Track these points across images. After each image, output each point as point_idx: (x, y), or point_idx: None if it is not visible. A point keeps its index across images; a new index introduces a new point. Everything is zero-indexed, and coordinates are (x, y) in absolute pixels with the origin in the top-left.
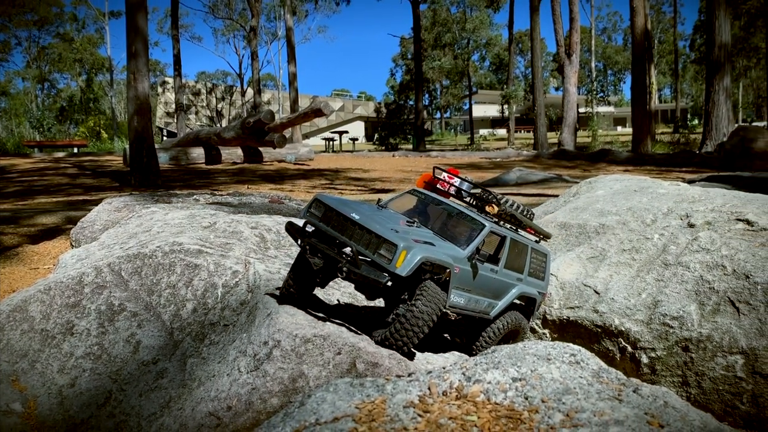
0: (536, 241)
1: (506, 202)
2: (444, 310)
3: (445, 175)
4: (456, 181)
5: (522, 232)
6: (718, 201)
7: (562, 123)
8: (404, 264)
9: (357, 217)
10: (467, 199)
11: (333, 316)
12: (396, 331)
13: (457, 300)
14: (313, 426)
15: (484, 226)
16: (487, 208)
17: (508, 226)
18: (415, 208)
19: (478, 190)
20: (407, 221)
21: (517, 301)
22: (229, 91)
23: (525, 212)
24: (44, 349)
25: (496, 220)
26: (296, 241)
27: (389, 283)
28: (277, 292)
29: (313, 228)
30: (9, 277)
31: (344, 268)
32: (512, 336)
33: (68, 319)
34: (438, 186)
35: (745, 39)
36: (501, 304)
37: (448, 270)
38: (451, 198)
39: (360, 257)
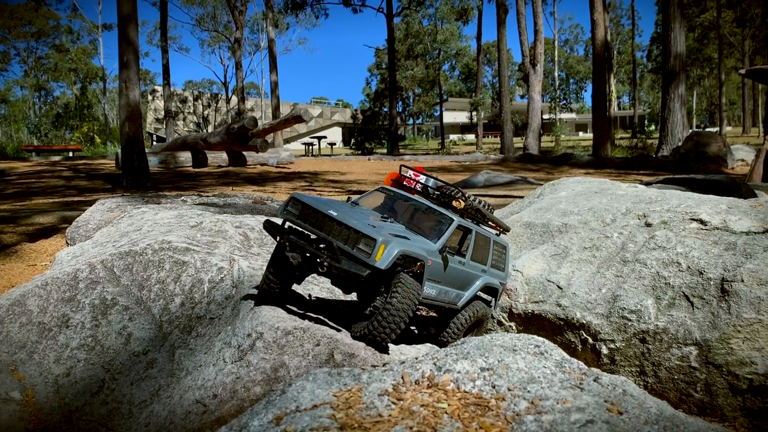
0: (497, 234)
1: (469, 197)
2: (420, 302)
3: (411, 172)
4: (422, 179)
5: (482, 225)
6: (674, 202)
7: (527, 128)
8: (383, 257)
9: (335, 213)
10: (434, 195)
11: (312, 310)
12: (374, 327)
13: (429, 291)
14: (294, 413)
15: (453, 220)
16: (454, 203)
17: (470, 219)
18: (385, 204)
19: (442, 185)
20: (382, 217)
21: (480, 292)
22: (214, 98)
23: (486, 207)
24: (41, 341)
25: (462, 214)
26: (275, 238)
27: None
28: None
29: (291, 225)
30: (8, 273)
31: (325, 263)
32: (477, 325)
33: (64, 313)
34: (405, 183)
35: (699, 50)
36: (467, 294)
37: (420, 262)
38: (417, 194)
39: (340, 252)
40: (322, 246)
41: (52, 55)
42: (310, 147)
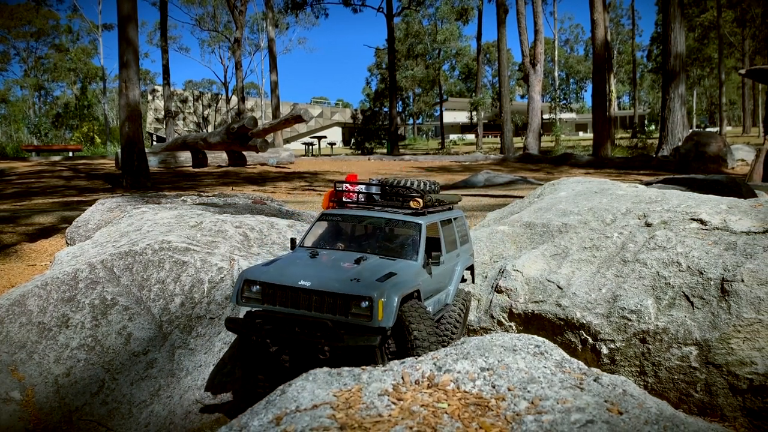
0: (449, 209)
1: (422, 186)
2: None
3: (346, 185)
4: (361, 187)
5: (438, 208)
6: (674, 202)
7: (527, 128)
8: (386, 314)
9: (308, 283)
10: (385, 200)
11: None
12: None
13: (429, 309)
14: (294, 413)
15: (420, 224)
16: (413, 204)
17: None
18: (339, 232)
19: (389, 186)
20: (355, 260)
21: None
22: (214, 98)
23: (432, 186)
24: (41, 341)
25: (424, 211)
26: (246, 340)
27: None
28: None
29: (256, 312)
30: (8, 273)
31: (326, 349)
32: (467, 313)
33: (64, 313)
34: (345, 199)
35: (698, 50)
36: (453, 288)
37: (416, 291)
38: (363, 207)
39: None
40: (305, 330)
41: (51, 55)
42: (310, 147)
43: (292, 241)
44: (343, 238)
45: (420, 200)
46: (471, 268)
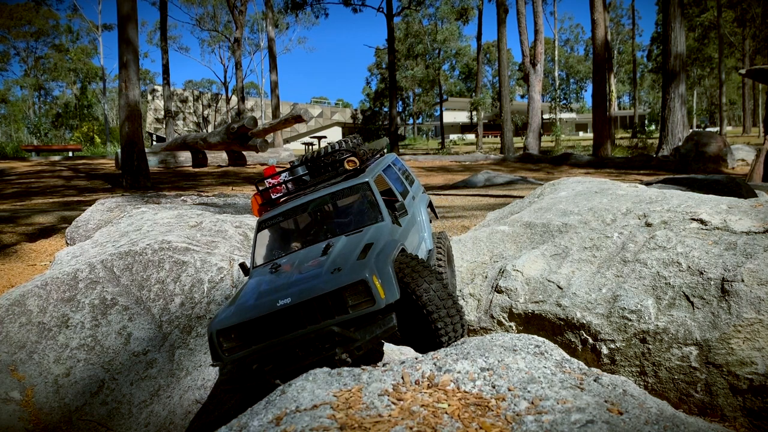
0: (382, 156)
1: (356, 147)
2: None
3: (268, 180)
4: (284, 176)
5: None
6: (674, 202)
7: (527, 128)
8: (386, 288)
9: (288, 300)
10: (320, 172)
11: None
12: (446, 333)
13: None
14: (294, 413)
15: (367, 182)
16: (348, 165)
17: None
18: (287, 233)
19: (315, 160)
20: (322, 251)
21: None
22: (214, 98)
23: (356, 141)
24: (41, 341)
25: (363, 167)
26: (252, 392)
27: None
28: None
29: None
30: (8, 273)
31: (344, 356)
32: (450, 258)
33: (63, 313)
34: (272, 195)
35: (699, 50)
36: (427, 233)
37: (401, 248)
38: (293, 196)
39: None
40: (312, 349)
41: (51, 54)
42: (310, 147)
43: (243, 266)
44: (296, 236)
45: (355, 159)
46: (430, 205)
